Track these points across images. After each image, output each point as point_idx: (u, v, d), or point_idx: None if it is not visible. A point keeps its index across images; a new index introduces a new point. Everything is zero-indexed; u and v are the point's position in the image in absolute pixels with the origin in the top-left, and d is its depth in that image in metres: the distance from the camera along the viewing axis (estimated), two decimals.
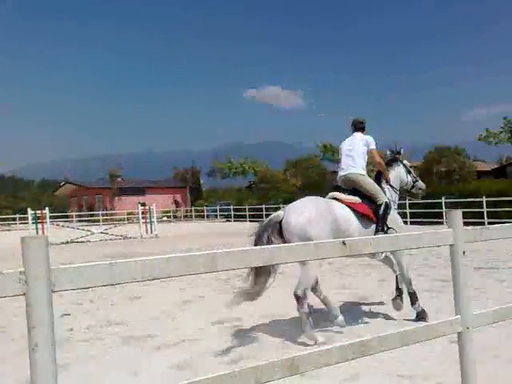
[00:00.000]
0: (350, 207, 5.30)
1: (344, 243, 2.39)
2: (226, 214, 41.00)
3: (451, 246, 2.73)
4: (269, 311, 6.05)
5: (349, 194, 5.48)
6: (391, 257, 5.72)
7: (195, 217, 44.93)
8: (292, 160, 38.08)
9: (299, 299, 4.96)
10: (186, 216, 47.08)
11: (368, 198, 5.47)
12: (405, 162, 6.44)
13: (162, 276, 1.93)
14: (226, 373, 1.99)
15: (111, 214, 42.29)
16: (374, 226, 5.34)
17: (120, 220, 34.42)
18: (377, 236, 2.47)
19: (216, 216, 42.09)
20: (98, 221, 40.02)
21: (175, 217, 47.15)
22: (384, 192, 5.70)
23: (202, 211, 44.65)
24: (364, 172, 5.70)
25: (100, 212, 43.87)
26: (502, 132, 25.43)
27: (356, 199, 5.43)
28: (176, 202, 53.60)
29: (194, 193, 57.50)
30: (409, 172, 6.31)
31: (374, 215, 5.36)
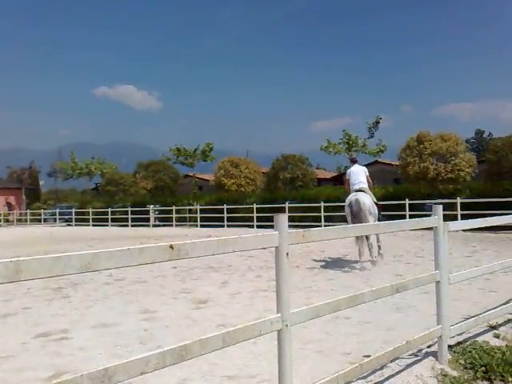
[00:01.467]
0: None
1: (172, 247, 2.34)
2: (66, 217, 38.32)
3: (276, 248, 2.84)
4: (100, 320, 5.73)
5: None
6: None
7: (31, 221, 41.20)
8: (143, 162, 37.06)
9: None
10: (20, 220, 42.89)
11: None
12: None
13: None
14: None
15: None
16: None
17: None
18: (205, 239, 2.50)
19: (55, 220, 39.07)
20: None
21: (7, 221, 42.70)
22: None
23: (39, 215, 41.14)
24: (367, 186, 10.08)
25: None
26: (340, 143, 27.94)
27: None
28: (9, 205, 48.61)
29: (32, 194, 52.75)
30: None
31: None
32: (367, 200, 9.58)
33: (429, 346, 4.16)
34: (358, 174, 10.14)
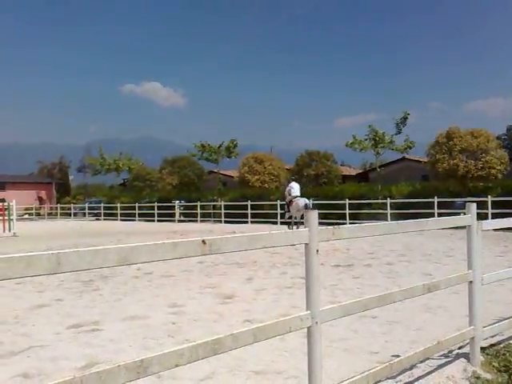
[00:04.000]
0: None
1: (204, 242, 2.36)
2: (95, 212, 39.09)
3: (306, 244, 2.82)
4: (129, 313, 5.84)
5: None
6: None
7: (61, 215, 42.17)
8: (169, 158, 37.49)
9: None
10: (50, 214, 43.95)
11: None
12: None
13: None
14: (67, 379, 1.84)
15: None
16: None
17: None
18: (236, 235, 2.51)
19: (84, 214, 39.90)
20: None
21: (38, 214, 43.79)
22: None
23: (69, 209, 42.07)
24: (300, 194, 17.27)
25: None
26: (366, 139, 27.34)
27: None
28: (40, 199, 49.86)
29: (61, 189, 53.92)
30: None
31: None
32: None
33: (460, 348, 4.09)
34: (296, 188, 17.39)
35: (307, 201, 16.89)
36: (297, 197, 16.93)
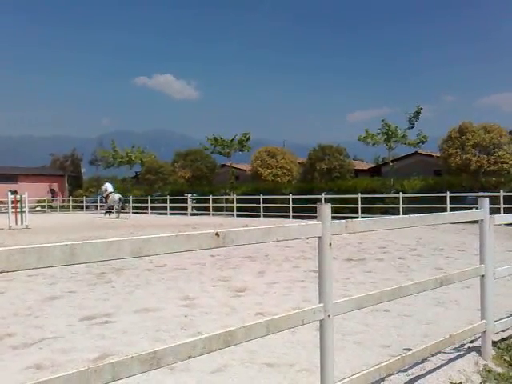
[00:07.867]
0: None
1: (217, 234, 2.37)
2: (107, 205, 39.38)
3: (319, 238, 2.81)
4: (142, 305, 5.89)
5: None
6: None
7: (73, 207, 42.56)
8: (181, 151, 37.57)
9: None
10: (62, 206, 44.37)
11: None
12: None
13: (9, 269, 1.75)
14: (81, 370, 1.87)
15: None
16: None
17: None
18: (251, 228, 2.51)
19: (96, 207, 40.22)
20: None
21: (50, 207, 44.25)
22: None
23: (81, 202, 42.44)
24: (113, 191, 31.71)
25: None
26: (379, 134, 27.15)
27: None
28: (52, 191, 50.30)
29: (74, 182, 54.36)
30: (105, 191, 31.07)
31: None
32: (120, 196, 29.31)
33: (471, 341, 4.08)
34: (110, 186, 30.13)
35: (120, 195, 28.68)
36: (111, 192, 28.78)
